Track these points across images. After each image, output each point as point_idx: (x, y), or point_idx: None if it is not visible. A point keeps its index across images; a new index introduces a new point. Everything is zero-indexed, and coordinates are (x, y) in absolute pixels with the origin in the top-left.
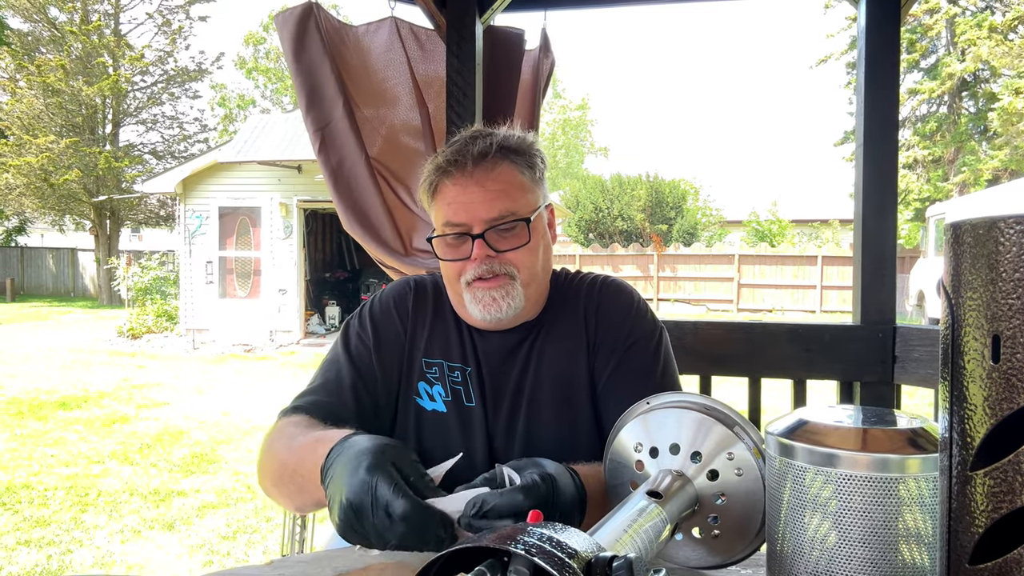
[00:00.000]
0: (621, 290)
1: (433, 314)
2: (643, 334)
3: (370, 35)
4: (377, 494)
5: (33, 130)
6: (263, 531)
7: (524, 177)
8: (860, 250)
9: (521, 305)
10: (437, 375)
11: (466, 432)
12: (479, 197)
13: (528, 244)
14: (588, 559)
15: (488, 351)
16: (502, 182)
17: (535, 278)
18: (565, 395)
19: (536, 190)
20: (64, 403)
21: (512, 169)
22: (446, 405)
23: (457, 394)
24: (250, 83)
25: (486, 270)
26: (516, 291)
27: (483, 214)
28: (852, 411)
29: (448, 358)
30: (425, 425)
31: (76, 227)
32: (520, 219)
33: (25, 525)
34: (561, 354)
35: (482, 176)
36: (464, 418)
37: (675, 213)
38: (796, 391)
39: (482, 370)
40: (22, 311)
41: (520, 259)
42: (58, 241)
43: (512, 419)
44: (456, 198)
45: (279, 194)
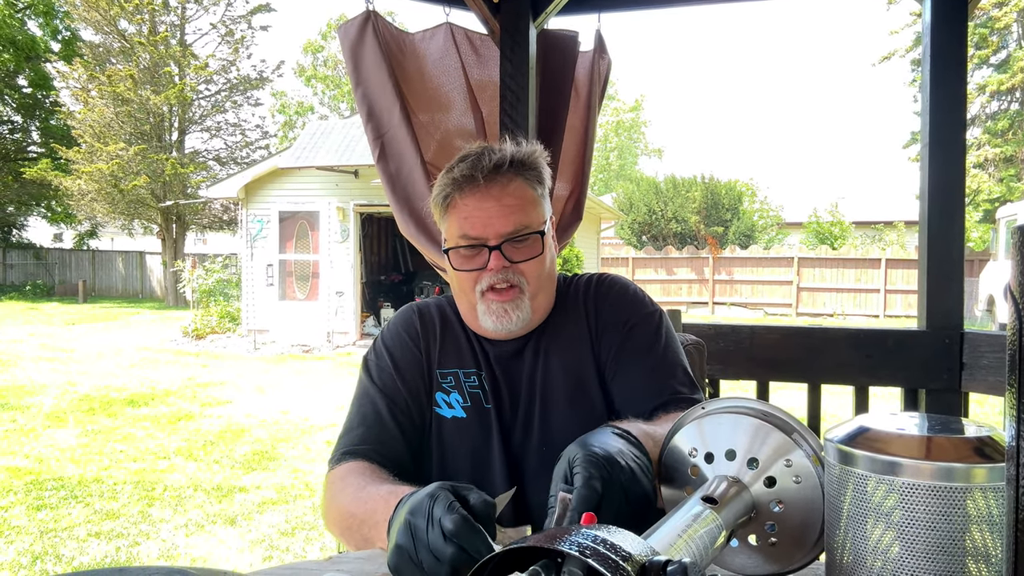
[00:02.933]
0: (615, 280)
1: (441, 329)
2: (643, 315)
3: (426, 41)
4: (433, 511)
5: (104, 138)
6: (320, 528)
7: (535, 191)
8: (926, 253)
9: (529, 316)
10: (453, 383)
11: (485, 433)
12: (495, 211)
13: (540, 256)
14: (642, 562)
15: (498, 354)
16: (516, 197)
17: (542, 288)
18: (576, 385)
19: (544, 203)
20: (133, 400)
21: (524, 184)
22: (465, 411)
23: (476, 398)
24: (308, 90)
25: (500, 279)
26: (524, 303)
27: (500, 228)
28: (916, 418)
29: (462, 366)
30: (446, 433)
31: (144, 231)
32: (533, 232)
33: (96, 518)
34: (567, 347)
35: (498, 190)
36: (483, 420)
37: (731, 215)
38: (858, 398)
39: (494, 372)
40: (93, 312)
41: (531, 270)
42: (127, 245)
43: (528, 415)
44: (473, 212)
45: (336, 199)
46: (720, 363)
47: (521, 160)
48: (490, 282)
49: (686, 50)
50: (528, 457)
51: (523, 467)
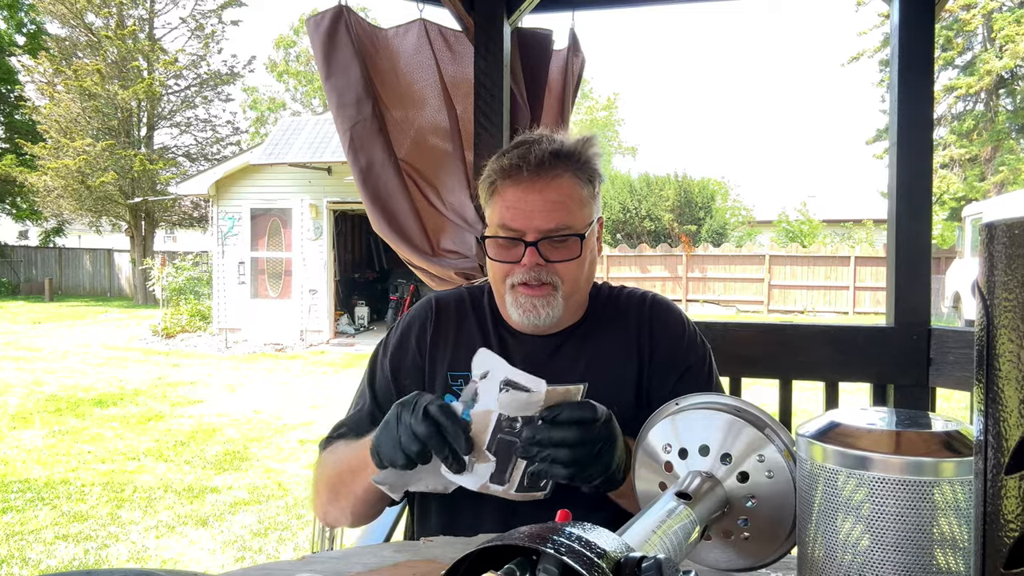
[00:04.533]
0: (671, 311)
1: (456, 330)
2: (697, 359)
3: (399, 37)
4: (406, 401)
5: (70, 133)
6: (294, 528)
7: (583, 191)
8: (894, 250)
9: (560, 314)
10: (461, 386)
11: None
12: (538, 206)
13: (578, 258)
14: (617, 559)
15: (519, 355)
16: (562, 193)
17: (578, 290)
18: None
19: (592, 204)
20: (101, 400)
21: (573, 181)
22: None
23: None
24: (281, 86)
25: (533, 277)
26: (557, 301)
27: (540, 223)
28: (885, 413)
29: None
30: None
31: (112, 228)
32: (574, 234)
33: (63, 520)
34: (604, 363)
35: (543, 184)
36: None
37: (704, 213)
38: (828, 394)
39: None
40: (60, 310)
41: (567, 271)
42: (95, 242)
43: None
44: (515, 203)
45: (309, 196)
46: None
47: (571, 153)
48: (523, 278)
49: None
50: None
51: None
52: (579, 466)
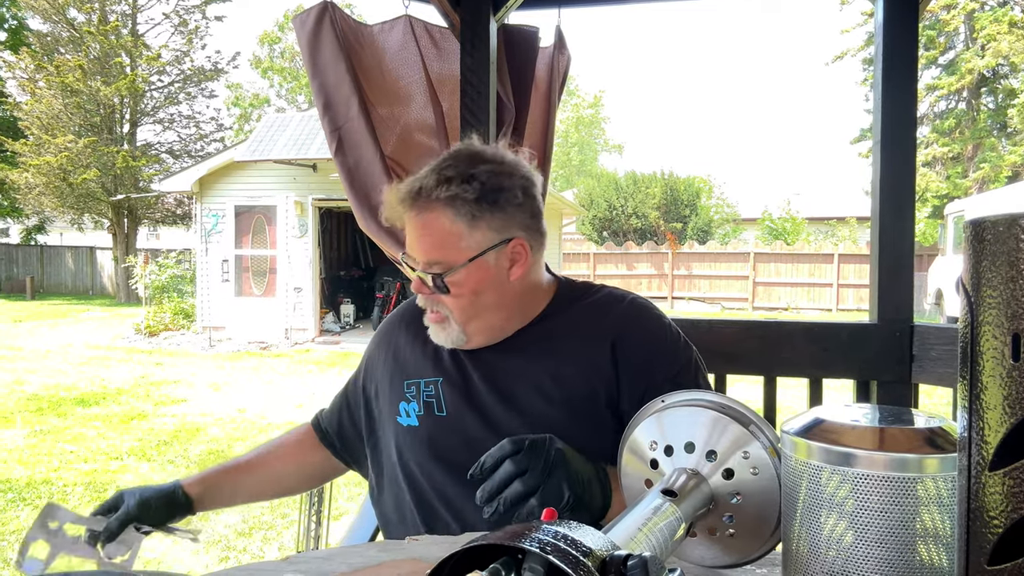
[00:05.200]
0: (651, 315)
1: (414, 337)
2: (682, 364)
3: (384, 34)
4: None
5: (52, 130)
6: (279, 528)
7: (459, 223)
8: (877, 248)
9: (463, 339)
10: (414, 393)
11: (441, 441)
12: (415, 240)
13: (451, 294)
14: (603, 557)
15: (465, 360)
16: (433, 230)
17: (476, 316)
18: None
19: (477, 232)
20: (83, 400)
21: (445, 216)
22: (418, 419)
23: (429, 406)
24: (265, 82)
25: (423, 302)
26: (453, 328)
27: (419, 255)
28: (869, 410)
29: (422, 375)
30: (403, 441)
31: (95, 226)
32: (444, 271)
33: None
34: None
35: (417, 220)
36: (437, 428)
37: (689, 211)
38: (812, 390)
39: (457, 380)
40: (41, 309)
41: (452, 303)
42: (77, 240)
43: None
44: (407, 230)
45: (294, 193)
46: None
47: (451, 190)
48: (420, 302)
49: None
50: None
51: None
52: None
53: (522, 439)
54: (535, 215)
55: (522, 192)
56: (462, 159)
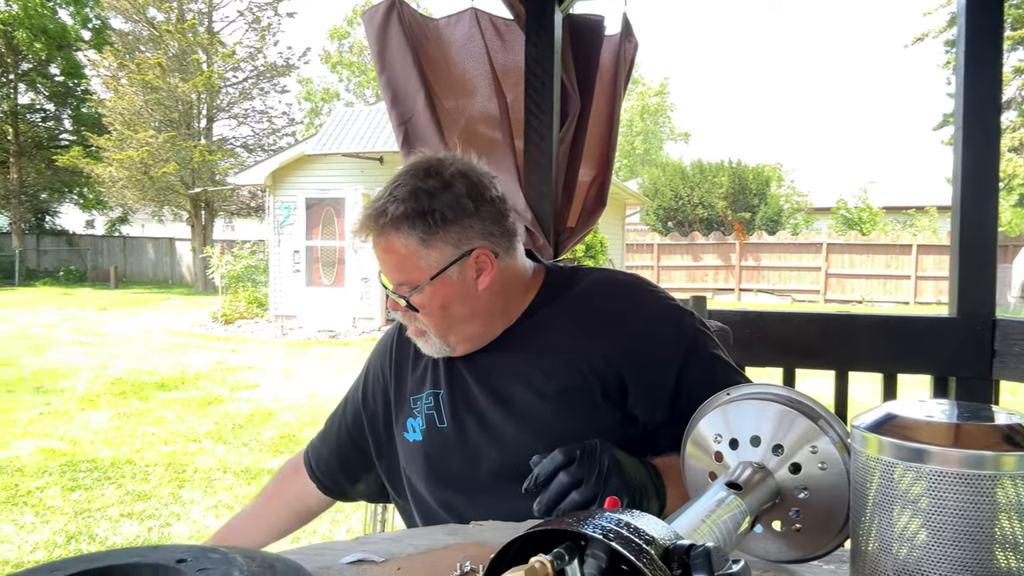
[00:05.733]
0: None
1: (414, 351)
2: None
3: (450, 27)
4: None
5: (134, 125)
6: (347, 511)
7: (412, 244)
8: (958, 238)
9: (447, 349)
10: (419, 408)
11: (441, 453)
12: (380, 263)
13: (423, 311)
14: (665, 546)
15: (459, 370)
16: (390, 254)
17: (450, 329)
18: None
19: (433, 251)
20: (163, 384)
21: (398, 240)
22: (422, 434)
23: (431, 419)
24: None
25: (401, 319)
26: (433, 340)
27: (387, 277)
28: (945, 406)
29: (423, 389)
30: (409, 457)
31: (174, 218)
32: (410, 291)
33: (128, 499)
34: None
35: (375, 243)
36: (438, 441)
37: (759, 200)
38: (886, 386)
39: (455, 389)
40: (125, 297)
41: (424, 319)
42: (157, 231)
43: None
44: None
45: (362, 185)
46: (746, 350)
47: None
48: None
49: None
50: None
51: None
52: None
53: (573, 448)
54: (496, 218)
55: (473, 200)
56: (410, 176)
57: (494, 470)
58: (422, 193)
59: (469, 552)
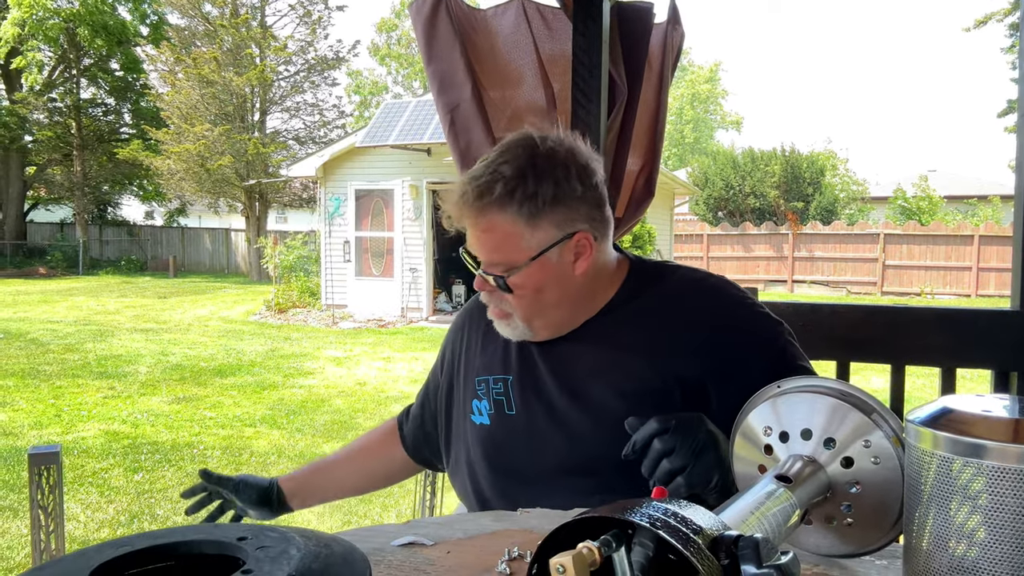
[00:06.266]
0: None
1: (484, 333)
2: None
3: (497, 17)
4: None
5: (190, 119)
6: (396, 496)
7: (519, 224)
8: (1021, 229)
9: (529, 334)
10: (484, 391)
11: (507, 441)
12: (475, 240)
13: (514, 294)
14: (713, 536)
15: (533, 357)
16: (493, 232)
17: (539, 313)
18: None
19: (539, 231)
20: (220, 370)
21: (503, 218)
22: (490, 418)
23: (499, 405)
24: (383, 69)
25: (485, 299)
26: (516, 325)
27: (480, 254)
28: (1005, 400)
29: (492, 372)
30: (476, 439)
31: (229, 209)
32: (504, 271)
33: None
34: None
35: (476, 222)
36: (506, 428)
37: (812, 189)
38: (944, 381)
39: (526, 376)
40: (183, 286)
41: (513, 301)
42: (213, 222)
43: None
44: (467, 231)
45: (410, 176)
46: (799, 342)
47: (503, 190)
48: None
49: (765, 15)
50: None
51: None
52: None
53: (669, 417)
54: (599, 203)
55: (581, 183)
56: (517, 153)
57: (560, 463)
58: (531, 172)
59: (517, 538)
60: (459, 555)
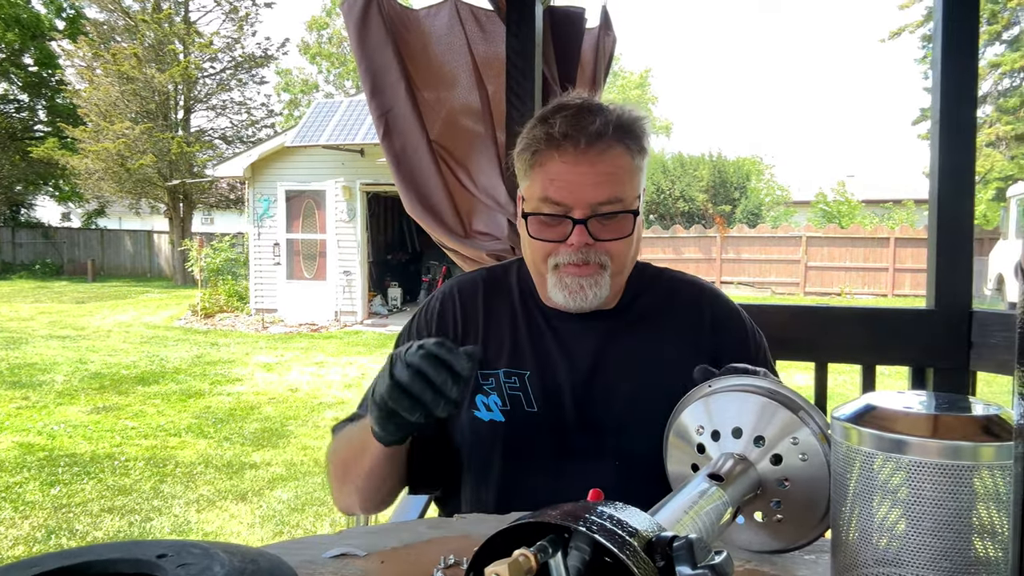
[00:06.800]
0: (732, 309)
1: (485, 321)
2: (763, 357)
3: (431, 18)
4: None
5: (110, 116)
6: (330, 504)
7: (635, 162)
8: (935, 231)
9: (607, 294)
10: (493, 385)
11: (527, 438)
12: (589, 179)
13: (629, 236)
14: (649, 538)
15: (552, 352)
16: (615, 166)
17: (625, 269)
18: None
19: (641, 177)
20: (143, 378)
21: (625, 153)
22: (504, 414)
23: (516, 400)
24: (313, 68)
25: (580, 258)
26: (605, 281)
27: (590, 197)
28: (923, 397)
29: (502, 365)
30: (483, 436)
31: (152, 210)
32: (626, 210)
33: (109, 493)
34: (661, 354)
35: (595, 156)
36: (528, 425)
37: (739, 193)
38: (865, 377)
39: (546, 371)
40: (103, 290)
41: (617, 249)
42: (135, 224)
43: (592, 419)
44: (562, 175)
45: (343, 177)
46: None
47: (627, 126)
48: (570, 258)
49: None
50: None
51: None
52: None
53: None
54: None
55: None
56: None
57: (587, 460)
58: (646, 125)
59: (452, 545)
60: (393, 565)
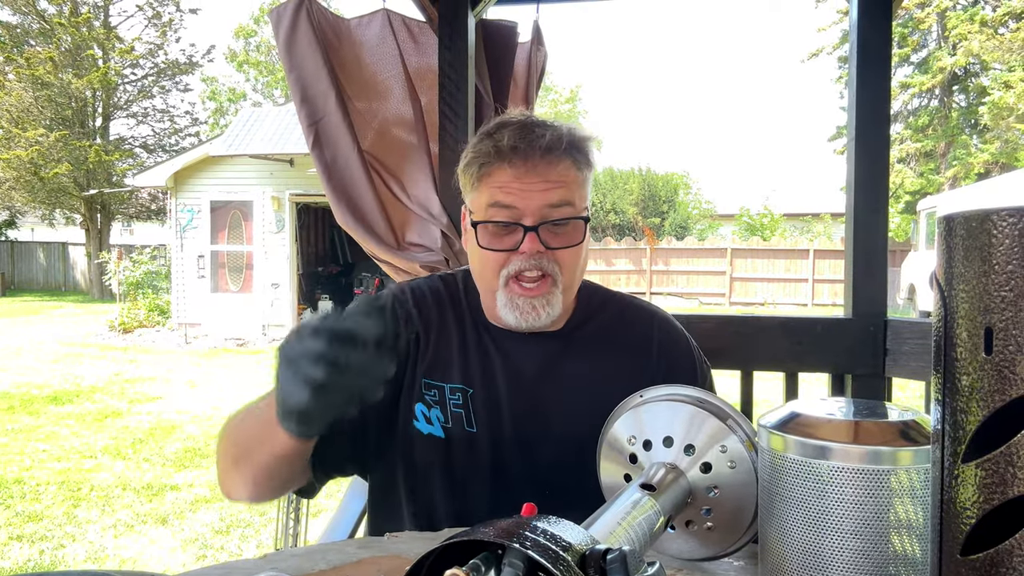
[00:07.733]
0: (680, 336)
1: (439, 327)
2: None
3: (362, 28)
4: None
5: (22, 123)
6: (256, 525)
7: (582, 174)
8: (852, 244)
9: (559, 312)
10: (437, 398)
11: (470, 458)
12: (539, 186)
13: (579, 244)
14: (582, 552)
15: (497, 372)
16: (564, 175)
17: (574, 282)
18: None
19: (588, 188)
20: (56, 397)
21: (573, 166)
22: (444, 430)
23: (457, 418)
24: (241, 76)
25: (534, 265)
26: (556, 299)
27: (540, 201)
28: (844, 404)
29: (448, 380)
30: (420, 449)
31: (67, 221)
32: (577, 216)
33: (17, 520)
34: (611, 374)
35: (545, 167)
36: (467, 444)
37: (668, 207)
38: (788, 384)
39: (489, 391)
40: (13, 305)
41: (567, 260)
42: (49, 235)
43: (531, 442)
44: (511, 183)
45: (271, 188)
46: None
47: (577, 143)
48: (520, 267)
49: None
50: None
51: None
52: None
53: None
54: None
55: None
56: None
57: (523, 483)
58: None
59: (383, 565)
60: None
